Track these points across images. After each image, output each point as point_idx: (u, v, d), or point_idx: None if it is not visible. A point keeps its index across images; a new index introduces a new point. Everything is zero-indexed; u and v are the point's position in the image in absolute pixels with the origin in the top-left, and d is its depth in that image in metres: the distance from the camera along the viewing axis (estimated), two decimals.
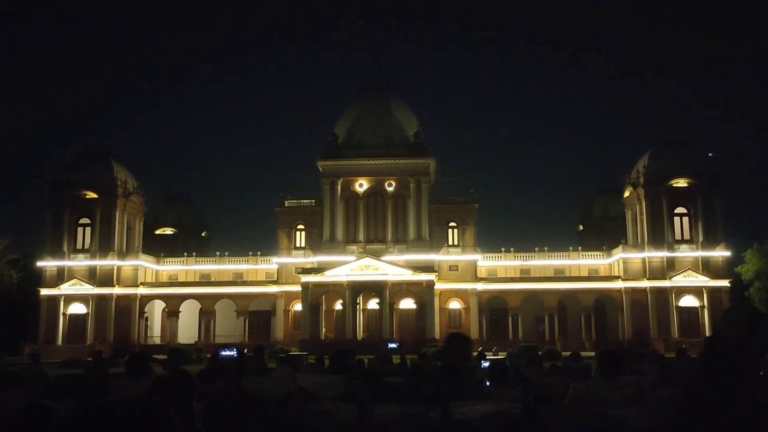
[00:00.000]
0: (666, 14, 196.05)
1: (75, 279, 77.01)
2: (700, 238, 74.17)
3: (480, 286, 76.35)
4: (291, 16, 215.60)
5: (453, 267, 77.17)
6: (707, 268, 73.75)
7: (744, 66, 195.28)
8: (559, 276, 78.65)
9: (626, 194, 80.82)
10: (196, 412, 5.61)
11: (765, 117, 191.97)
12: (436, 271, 73.41)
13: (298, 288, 73.83)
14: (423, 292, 71.96)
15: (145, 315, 79.87)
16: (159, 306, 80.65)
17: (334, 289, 72.69)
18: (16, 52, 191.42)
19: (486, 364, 14.38)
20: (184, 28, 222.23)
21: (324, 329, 73.55)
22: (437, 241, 77.97)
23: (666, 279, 73.77)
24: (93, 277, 77.39)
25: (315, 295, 72.44)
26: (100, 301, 77.01)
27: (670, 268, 74.13)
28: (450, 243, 78.37)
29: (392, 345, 45.43)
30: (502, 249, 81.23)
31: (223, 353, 11.78)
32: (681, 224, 75.54)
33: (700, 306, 73.28)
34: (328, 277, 72.41)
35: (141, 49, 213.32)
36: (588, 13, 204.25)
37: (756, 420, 5.16)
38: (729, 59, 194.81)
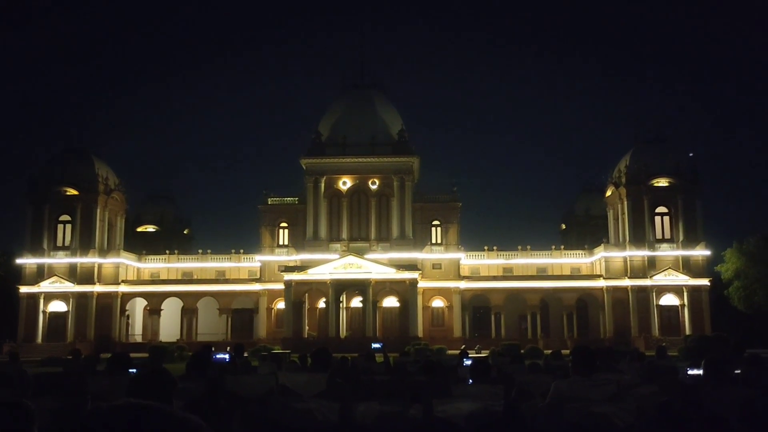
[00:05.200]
0: (647, 15, 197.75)
1: (55, 276, 76.24)
2: (681, 238, 74.86)
3: (463, 285, 76.57)
4: (274, 13, 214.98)
5: (436, 265, 77.34)
6: (687, 267, 74.45)
7: (724, 65, 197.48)
8: (542, 275, 79.06)
9: (608, 193, 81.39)
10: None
11: (745, 116, 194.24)
12: (419, 270, 73.50)
13: (281, 286, 73.62)
14: (406, 291, 72.02)
15: (127, 313, 79.25)
16: (140, 304, 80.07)
17: (317, 288, 72.56)
18: None
19: (468, 362, 14.42)
20: (167, 25, 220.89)
21: (307, 327, 73.38)
22: (420, 240, 78.08)
23: (647, 278, 74.38)
24: (73, 274, 76.66)
25: (298, 293, 72.26)
26: (81, 299, 76.31)
27: (651, 267, 74.76)
28: (433, 241, 78.53)
29: (376, 345, 45.48)
30: (485, 247, 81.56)
31: (218, 357, 11.74)
32: (662, 223, 76.20)
33: (681, 305, 73.97)
34: (311, 275, 72.27)
35: (123, 45, 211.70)
36: (571, 14, 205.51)
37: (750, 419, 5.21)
38: (709, 59, 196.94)
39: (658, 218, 76.18)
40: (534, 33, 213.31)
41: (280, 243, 79.76)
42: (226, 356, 11.04)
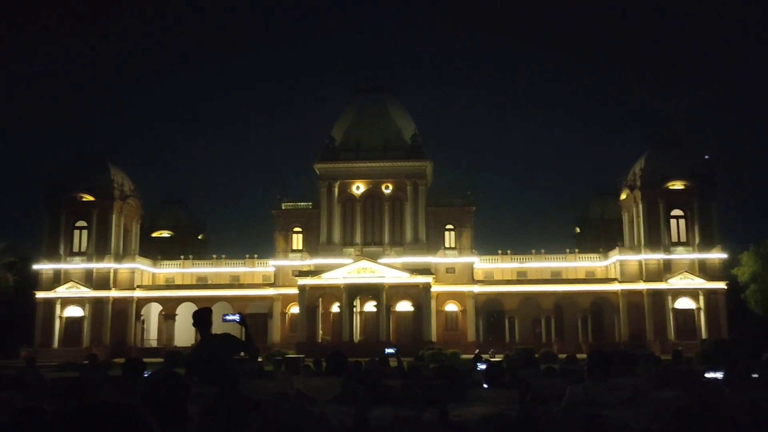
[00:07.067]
0: (661, 15, 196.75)
1: (71, 282, 76.83)
2: (697, 240, 74.29)
3: (477, 289, 76.36)
4: (287, 18, 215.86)
5: (450, 269, 77.17)
6: (703, 270, 73.85)
7: (740, 67, 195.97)
8: (556, 278, 78.67)
9: (623, 196, 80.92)
10: (192, 415, 5.60)
11: (760, 118, 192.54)
12: (432, 274, 73.41)
13: (294, 291, 73.78)
14: (420, 295, 71.96)
15: (142, 318, 79.70)
16: (156, 309, 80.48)
17: (330, 292, 72.65)
18: (12, 54, 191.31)
19: (483, 366, 14.38)
20: (181, 30, 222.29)
21: (321, 332, 73.53)
22: (434, 244, 77.97)
23: (662, 281, 73.85)
24: (89, 279, 77.21)
25: (312, 298, 72.40)
26: (97, 304, 76.85)
27: (666, 270, 74.22)
28: (447, 245, 78.36)
29: (389, 350, 45.54)
30: (499, 251, 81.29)
31: (227, 318, 11.70)
32: (677, 226, 75.67)
33: (697, 308, 73.38)
34: (325, 279, 72.37)
35: (137, 51, 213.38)
36: (585, 15, 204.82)
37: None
38: (725, 60, 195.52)
39: (673, 221, 75.66)
40: (547, 35, 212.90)
41: (294, 248, 79.92)
42: (237, 317, 10.96)
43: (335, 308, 74.23)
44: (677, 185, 75.51)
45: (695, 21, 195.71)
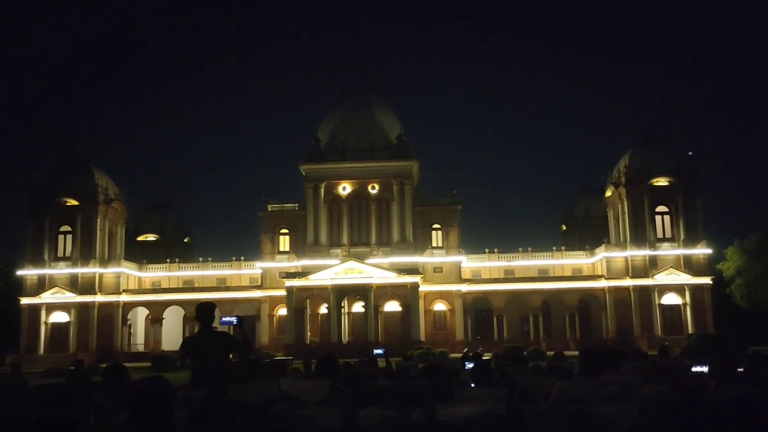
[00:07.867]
0: (645, 13, 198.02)
1: (56, 287, 76.23)
2: (682, 236, 74.81)
3: (464, 288, 76.50)
4: (273, 20, 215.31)
5: (437, 269, 77.28)
6: (689, 265, 74.38)
7: (723, 63, 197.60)
8: (543, 276, 78.99)
9: (608, 193, 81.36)
10: (179, 420, 5.56)
11: (744, 114, 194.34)
12: (420, 273, 73.46)
13: (282, 292, 73.59)
14: (408, 295, 71.98)
15: (128, 322, 79.19)
16: (142, 313, 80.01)
17: (318, 293, 72.52)
18: None
19: (471, 365, 14.38)
20: (165, 34, 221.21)
21: (309, 333, 73.37)
22: (421, 243, 78.05)
23: (648, 277, 74.31)
24: (75, 285, 76.63)
25: (299, 300, 72.24)
26: (82, 309, 76.27)
27: (652, 266, 74.70)
28: (434, 245, 78.48)
29: (378, 351, 45.48)
30: (486, 250, 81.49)
31: (224, 320, 11.59)
32: (662, 222, 76.17)
33: (683, 303, 73.89)
34: (313, 281, 72.24)
35: (121, 54, 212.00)
36: (568, 14, 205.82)
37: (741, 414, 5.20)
38: (708, 57, 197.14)
39: (658, 217, 76.14)
40: (532, 34, 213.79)
41: (281, 249, 79.74)
42: (233, 319, 10.85)
43: (323, 309, 74.10)
44: (662, 182, 76.00)
45: (679, 20, 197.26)
